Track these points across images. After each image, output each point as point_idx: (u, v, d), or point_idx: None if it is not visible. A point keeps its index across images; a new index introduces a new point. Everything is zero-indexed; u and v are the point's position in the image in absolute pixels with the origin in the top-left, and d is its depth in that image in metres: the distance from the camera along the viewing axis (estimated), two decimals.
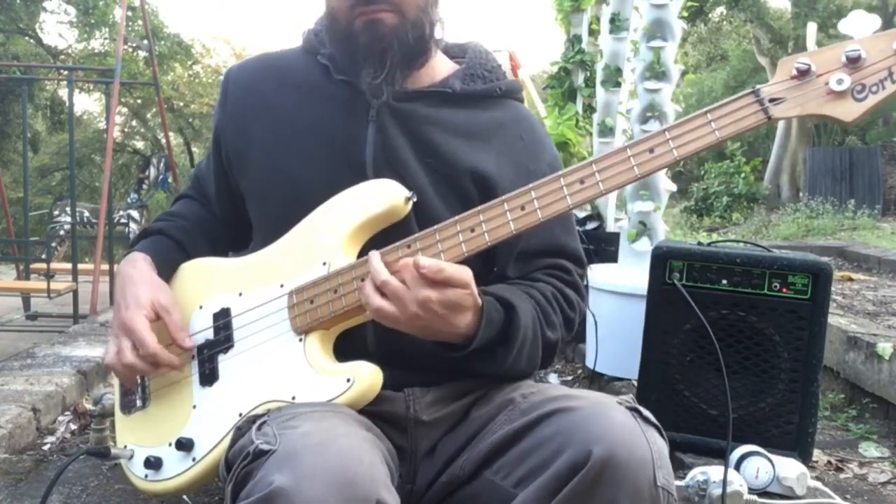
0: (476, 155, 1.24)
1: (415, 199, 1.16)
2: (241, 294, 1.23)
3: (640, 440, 0.98)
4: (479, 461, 1.12)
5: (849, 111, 0.99)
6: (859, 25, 1.02)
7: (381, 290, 1.06)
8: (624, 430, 0.98)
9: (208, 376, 1.21)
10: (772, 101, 1.01)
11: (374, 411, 1.14)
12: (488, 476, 1.10)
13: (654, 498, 0.97)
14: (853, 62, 0.99)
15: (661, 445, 1.00)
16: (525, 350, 1.17)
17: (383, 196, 1.15)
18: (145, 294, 1.23)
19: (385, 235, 1.16)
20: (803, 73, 1.00)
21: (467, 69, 1.29)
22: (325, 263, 1.16)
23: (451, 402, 1.22)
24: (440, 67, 1.29)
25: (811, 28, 1.06)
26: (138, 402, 1.30)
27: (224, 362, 1.21)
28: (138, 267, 1.28)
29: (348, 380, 1.10)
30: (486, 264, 1.24)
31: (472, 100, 1.27)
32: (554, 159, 1.33)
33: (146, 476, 1.23)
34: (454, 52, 1.35)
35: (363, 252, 1.16)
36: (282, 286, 1.19)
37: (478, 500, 1.12)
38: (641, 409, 1.04)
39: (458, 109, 1.26)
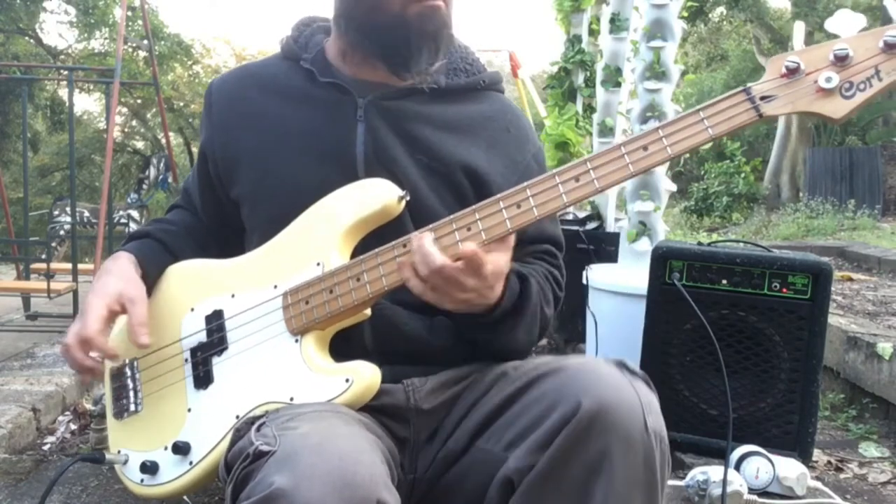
0: (466, 149, 1.25)
1: (408, 199, 1.16)
2: (233, 295, 1.22)
3: (628, 389, 1.00)
4: (472, 433, 1.13)
5: (837, 108, 1.01)
6: (845, 24, 1.03)
7: (425, 278, 1.06)
8: (611, 381, 1.01)
9: (202, 379, 1.20)
10: (762, 98, 1.03)
11: (374, 405, 1.14)
12: (480, 445, 1.11)
13: (647, 443, 0.98)
14: (841, 60, 1.00)
15: (648, 394, 1.03)
16: (529, 322, 1.20)
17: (376, 195, 1.15)
18: (114, 284, 1.23)
19: (379, 234, 1.16)
20: (793, 72, 1.02)
21: (449, 64, 1.30)
22: (319, 263, 1.16)
23: (450, 387, 1.22)
24: None
25: (799, 27, 1.08)
26: (131, 407, 1.29)
27: (218, 365, 1.20)
28: (118, 263, 1.28)
29: (347, 380, 1.09)
30: None
31: (457, 94, 1.29)
32: (538, 150, 1.35)
33: (142, 481, 1.22)
34: None
35: (356, 252, 1.16)
36: (275, 287, 1.18)
37: (472, 472, 1.12)
38: (628, 362, 1.07)
39: (445, 105, 1.27)
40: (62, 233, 9.12)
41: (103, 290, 1.22)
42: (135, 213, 9.80)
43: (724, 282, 1.95)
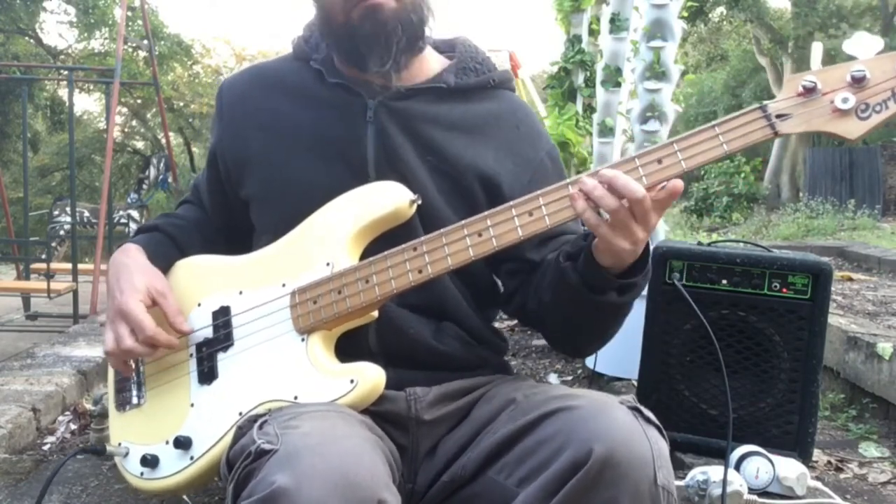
0: (476, 150, 1.24)
1: (419, 202, 1.16)
2: (241, 292, 1.22)
3: (641, 439, 0.98)
4: (482, 461, 1.12)
5: (852, 129, 1.02)
6: (863, 46, 1.04)
7: (614, 210, 1.02)
8: (625, 429, 0.98)
9: (207, 374, 1.21)
10: (778, 116, 1.04)
11: (375, 411, 1.14)
12: (491, 475, 1.10)
13: (655, 497, 0.97)
14: (858, 82, 1.01)
15: (661, 445, 1.01)
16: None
17: (388, 198, 1.16)
18: (140, 280, 1.23)
19: (389, 236, 1.16)
20: (809, 91, 1.03)
21: (459, 63, 1.30)
22: (328, 264, 1.16)
23: (453, 400, 1.22)
24: (432, 63, 1.30)
25: (816, 48, 1.09)
26: (134, 399, 1.29)
27: (223, 361, 1.20)
28: (132, 255, 1.28)
29: (352, 381, 1.10)
30: (488, 264, 1.24)
31: (467, 93, 1.28)
32: (551, 148, 1.34)
33: (142, 474, 1.23)
34: (443, 48, 1.35)
35: (366, 254, 1.16)
36: (284, 285, 1.18)
37: (480, 500, 1.12)
38: (642, 408, 1.04)
39: (454, 104, 1.27)
40: (62, 233, 9.12)
41: (131, 286, 1.22)
42: (135, 213, 9.81)
43: (724, 282, 1.95)
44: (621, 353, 2.50)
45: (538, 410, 1.08)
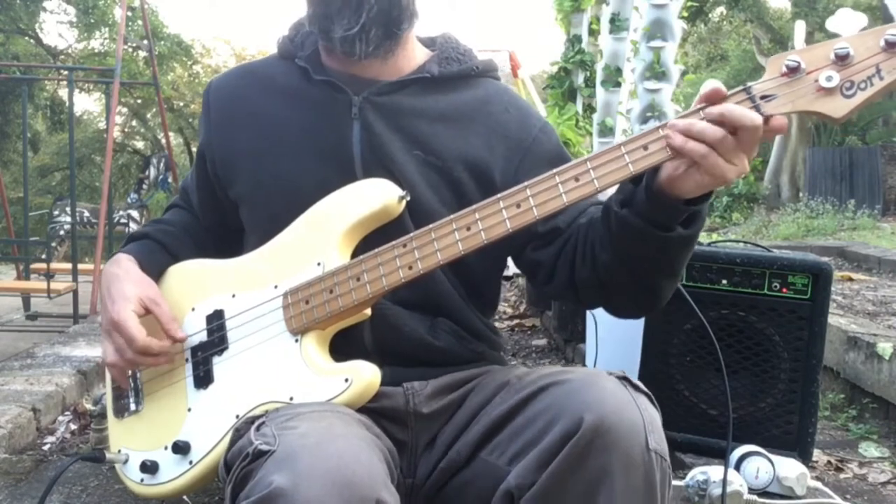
0: (465, 139, 1.24)
1: (408, 199, 1.16)
2: (234, 295, 1.22)
3: (631, 406, 0.99)
4: (475, 443, 1.12)
5: (838, 107, 1.00)
6: (847, 23, 1.03)
7: (717, 142, 0.99)
8: (614, 398, 0.99)
9: (203, 378, 1.20)
10: (763, 97, 1.02)
11: (373, 407, 1.14)
12: (483, 457, 1.11)
13: (647, 462, 0.97)
14: (842, 59, 0.99)
15: (651, 411, 1.02)
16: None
17: (376, 196, 1.15)
18: (131, 289, 1.23)
19: (380, 233, 1.16)
20: (793, 71, 1.01)
21: (441, 54, 1.30)
22: (319, 263, 1.16)
23: (450, 392, 1.22)
24: (417, 56, 1.29)
25: (799, 26, 1.08)
26: (132, 406, 1.29)
27: (219, 364, 1.20)
28: (123, 266, 1.28)
29: (346, 379, 1.10)
30: (482, 257, 1.24)
31: (451, 83, 1.28)
32: (544, 124, 1.33)
33: (142, 480, 1.22)
34: (426, 44, 1.35)
35: (357, 252, 1.16)
36: (276, 287, 1.18)
37: (474, 484, 1.12)
38: (632, 378, 1.06)
39: (439, 95, 1.26)
40: (62, 233, 9.13)
41: (122, 297, 1.22)
42: (135, 213, 9.80)
43: (724, 282, 1.95)
44: (621, 353, 2.50)
45: (529, 388, 1.08)
